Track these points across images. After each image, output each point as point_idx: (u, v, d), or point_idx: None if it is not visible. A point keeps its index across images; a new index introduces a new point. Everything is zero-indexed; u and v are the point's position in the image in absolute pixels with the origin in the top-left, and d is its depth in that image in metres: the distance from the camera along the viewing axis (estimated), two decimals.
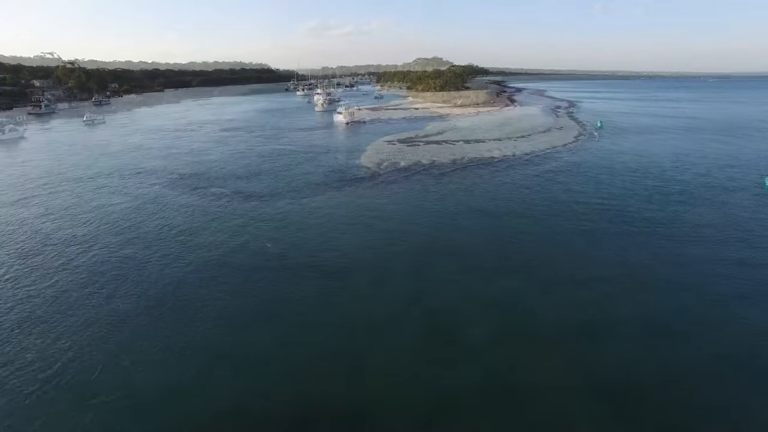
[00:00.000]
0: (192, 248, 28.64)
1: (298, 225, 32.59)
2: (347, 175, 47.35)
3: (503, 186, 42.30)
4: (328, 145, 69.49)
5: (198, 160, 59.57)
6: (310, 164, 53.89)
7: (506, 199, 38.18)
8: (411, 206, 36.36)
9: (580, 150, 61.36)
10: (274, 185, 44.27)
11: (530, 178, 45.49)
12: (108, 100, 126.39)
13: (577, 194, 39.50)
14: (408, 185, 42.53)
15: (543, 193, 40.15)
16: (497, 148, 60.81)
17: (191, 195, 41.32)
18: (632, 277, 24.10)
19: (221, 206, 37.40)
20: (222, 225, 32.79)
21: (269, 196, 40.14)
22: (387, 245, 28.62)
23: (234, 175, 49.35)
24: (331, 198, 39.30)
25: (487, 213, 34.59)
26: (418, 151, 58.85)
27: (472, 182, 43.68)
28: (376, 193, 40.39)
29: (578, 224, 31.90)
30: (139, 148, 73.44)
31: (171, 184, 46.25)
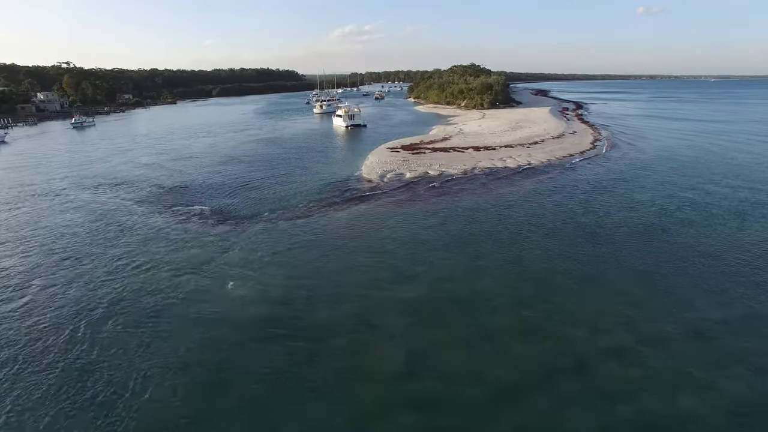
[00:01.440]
0: (133, 292, 22.16)
1: (275, 259, 25.80)
2: (344, 190, 40.52)
3: (523, 206, 35.71)
4: (326, 152, 63.38)
5: (181, 169, 53.40)
6: (303, 176, 47.37)
7: (529, 224, 31.17)
8: (419, 235, 29.41)
9: (600, 159, 54.89)
10: (259, 202, 37.54)
11: (552, 195, 39.32)
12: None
13: (612, 218, 32.77)
14: (415, 204, 35.49)
15: (571, 215, 33.59)
16: (510, 156, 54.63)
17: (160, 215, 34.80)
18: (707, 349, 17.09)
19: (189, 231, 30.76)
20: (181, 258, 26.19)
21: (249, 218, 33.39)
22: (386, 295, 21.74)
23: (216, 188, 42.78)
24: (323, 220, 32.44)
25: (507, 245, 27.59)
26: (424, 159, 52.64)
27: (487, 201, 37.28)
28: (377, 213, 33.47)
29: (617, 258, 24.76)
30: (126, 152, 67.85)
31: (143, 199, 39.90)
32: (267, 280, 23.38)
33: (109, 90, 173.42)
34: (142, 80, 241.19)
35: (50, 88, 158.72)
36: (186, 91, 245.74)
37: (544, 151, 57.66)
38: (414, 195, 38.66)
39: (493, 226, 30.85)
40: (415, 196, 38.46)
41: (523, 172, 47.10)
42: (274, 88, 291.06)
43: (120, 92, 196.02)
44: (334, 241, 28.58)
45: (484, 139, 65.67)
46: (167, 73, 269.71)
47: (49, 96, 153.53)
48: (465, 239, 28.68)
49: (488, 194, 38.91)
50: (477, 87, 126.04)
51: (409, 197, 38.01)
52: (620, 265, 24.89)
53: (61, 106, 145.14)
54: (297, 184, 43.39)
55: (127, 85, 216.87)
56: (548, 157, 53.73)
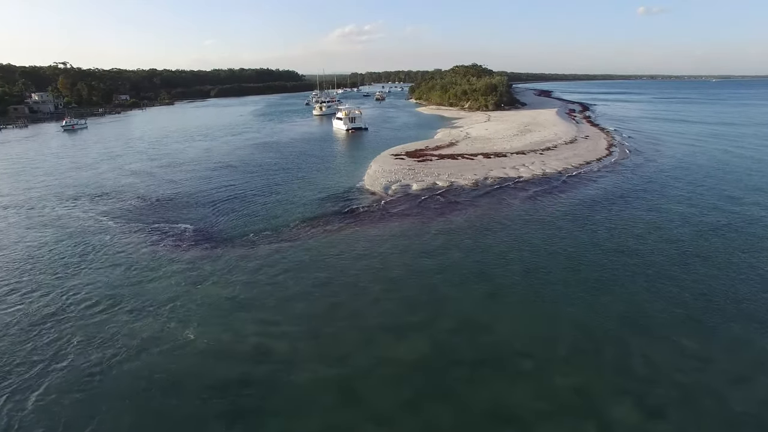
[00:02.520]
0: (78, 345, 17.97)
1: (251, 297, 21.67)
2: (344, 204, 36.41)
3: (543, 226, 31.68)
4: (326, 158, 59.33)
5: (170, 178, 49.29)
6: (300, 187, 43.27)
7: (552, 251, 27.02)
8: (424, 266, 25.32)
9: (619, 167, 50.80)
10: (247, 219, 33.44)
11: (574, 212, 35.31)
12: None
13: (645, 241, 28.74)
14: (423, 224, 31.44)
15: (598, 239, 29.50)
16: (522, 164, 50.57)
17: (135, 234, 30.73)
18: None
19: (162, 257, 26.65)
20: (145, 293, 22.16)
21: (233, 240, 29.15)
22: (379, 355, 17.70)
23: (204, 201, 38.45)
24: (316, 244, 28.18)
25: (529, 279, 23.47)
26: (430, 168, 48.61)
27: (502, 219, 33.11)
28: (378, 236, 29.40)
29: (663, 296, 20.86)
30: (116, 158, 63.81)
31: (122, 214, 35.58)
32: (237, 326, 19.31)
33: (105, 91, 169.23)
34: (140, 81, 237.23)
35: (46, 89, 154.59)
36: (184, 91, 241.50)
37: (558, 158, 53.62)
38: (422, 211, 34.61)
39: (512, 253, 26.73)
40: (422, 212, 34.41)
41: (538, 183, 43.07)
42: (273, 89, 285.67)
43: (117, 93, 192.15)
44: (326, 273, 24.36)
45: (493, 145, 61.62)
46: (166, 74, 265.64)
47: (43, 97, 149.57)
48: (478, 271, 24.57)
49: (503, 210, 34.87)
50: (481, 88, 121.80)
51: (417, 214, 33.96)
52: (668, 305, 20.85)
53: (55, 107, 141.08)
54: (292, 197, 39.33)
55: (124, 85, 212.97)
56: (564, 165, 49.69)
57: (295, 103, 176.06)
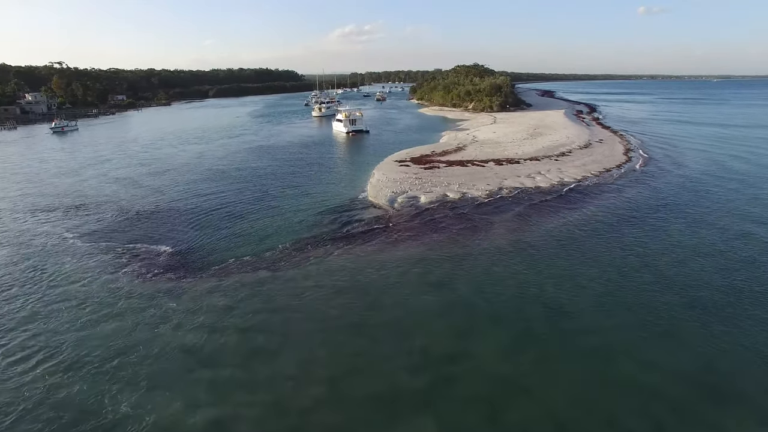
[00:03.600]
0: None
1: (216, 348, 17.73)
2: (345, 221, 32.36)
3: (569, 249, 27.62)
4: (325, 165, 55.24)
5: (157, 186, 45.04)
6: (296, 198, 38.97)
7: (585, 281, 23.07)
8: (435, 307, 21.47)
9: (641, 175, 46.73)
10: (230, 239, 29.29)
11: (601, 231, 31.29)
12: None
13: (685, 270, 24.83)
14: (434, 247, 27.56)
15: (635, 265, 25.62)
16: (538, 171, 46.54)
17: (102, 257, 26.66)
18: None
19: (123, 290, 22.62)
20: (92, 343, 18.16)
21: (207, 267, 24.94)
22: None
23: (188, 216, 34.44)
24: (306, 273, 24.10)
25: (557, 320, 19.65)
26: (439, 176, 44.56)
27: (523, 239, 29.13)
28: (383, 261, 25.49)
29: (720, 344, 17.05)
30: (104, 163, 59.68)
31: (95, 230, 31.55)
32: (191, 393, 15.37)
33: (101, 91, 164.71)
34: (138, 81, 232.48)
35: (39, 89, 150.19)
36: (182, 91, 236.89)
37: (575, 165, 49.55)
38: (432, 231, 30.52)
39: (532, 287, 22.69)
40: (432, 232, 30.32)
41: (557, 194, 39.02)
42: (272, 89, 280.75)
43: (114, 93, 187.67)
44: (307, 318, 20.14)
45: (504, 150, 57.52)
46: (164, 74, 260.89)
47: (37, 97, 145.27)
48: (494, 313, 20.54)
49: (522, 229, 30.80)
50: (485, 88, 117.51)
51: (426, 234, 29.87)
52: (741, 358, 16.83)
53: (48, 107, 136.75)
54: (286, 212, 35.20)
55: (121, 85, 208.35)
56: (582, 173, 45.62)
57: (295, 104, 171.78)
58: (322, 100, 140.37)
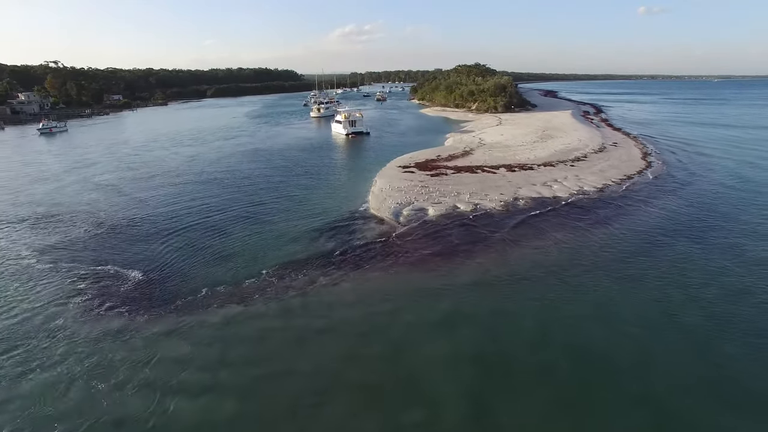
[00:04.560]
0: None
1: (160, 424, 13.96)
2: (345, 238, 28.34)
3: (596, 279, 23.84)
4: (323, 171, 51.18)
5: (140, 195, 40.74)
6: (290, 211, 34.84)
7: (614, 327, 19.32)
8: (464, 343, 17.79)
9: (667, 184, 42.61)
10: (210, 262, 25.15)
11: (633, 254, 27.34)
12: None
13: (743, 305, 21.23)
14: (447, 271, 23.69)
15: (678, 300, 21.62)
16: (554, 179, 42.60)
17: (54, 280, 22.68)
18: None
19: (60, 327, 18.82)
20: (12, 413, 14.21)
21: (173, 300, 20.98)
22: None
23: (169, 231, 30.37)
24: (287, 309, 20.28)
25: (588, 382, 16.12)
26: (447, 184, 40.60)
27: (550, 261, 25.07)
28: (388, 291, 21.69)
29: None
30: (89, 167, 55.59)
31: (61, 246, 27.53)
32: None
33: (95, 91, 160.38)
34: (136, 80, 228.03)
35: (32, 89, 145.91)
36: (180, 91, 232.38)
37: (592, 171, 45.60)
38: (445, 251, 26.56)
39: (556, 331, 18.82)
40: (446, 252, 26.35)
41: (578, 205, 35.08)
42: (271, 89, 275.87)
43: (110, 93, 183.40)
44: (300, 372, 16.24)
45: (515, 154, 53.54)
46: (162, 73, 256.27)
47: (30, 97, 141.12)
48: (528, 358, 16.77)
49: (546, 249, 26.87)
50: (489, 88, 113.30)
51: (438, 255, 25.92)
52: None
53: (40, 107, 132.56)
54: (278, 227, 31.14)
55: (118, 85, 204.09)
56: (603, 181, 41.67)
57: (293, 104, 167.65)
58: (321, 100, 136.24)
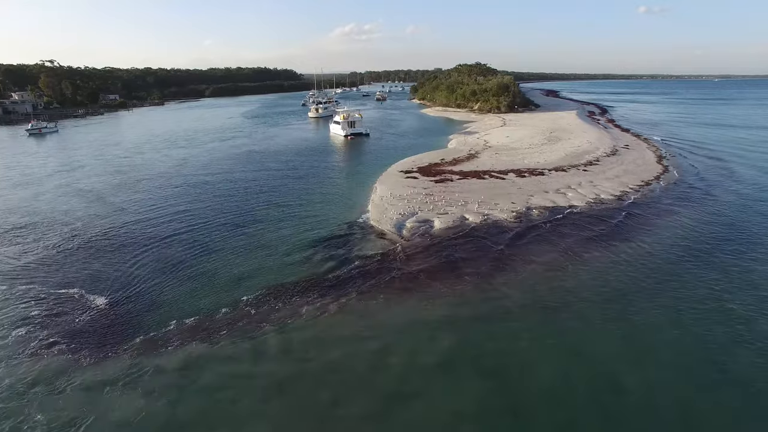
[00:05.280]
0: None
1: None
2: (341, 256, 25.15)
3: (625, 308, 20.74)
4: (320, 176, 47.95)
5: (121, 203, 37.34)
6: (281, 223, 31.48)
7: (655, 384, 16.76)
8: (482, 389, 14.75)
9: (689, 190, 39.53)
10: (188, 286, 22.04)
11: (666, 273, 24.23)
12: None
13: None
14: (460, 298, 20.57)
15: (727, 338, 18.66)
16: (568, 185, 39.49)
17: (14, 310, 19.23)
18: None
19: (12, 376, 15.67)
20: None
21: (132, 335, 17.97)
22: None
23: (145, 245, 27.15)
24: (281, 344, 17.36)
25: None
26: (453, 191, 37.47)
27: (564, 290, 22.17)
28: (393, 324, 18.64)
29: None
30: (75, 170, 52.36)
31: (23, 264, 24.10)
32: None
33: (91, 90, 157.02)
34: (133, 80, 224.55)
35: (27, 88, 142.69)
36: (177, 91, 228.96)
37: (607, 176, 42.48)
38: (453, 271, 23.46)
39: (596, 366, 16.01)
40: (454, 273, 23.26)
41: (598, 216, 31.96)
42: (269, 88, 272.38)
43: (106, 92, 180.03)
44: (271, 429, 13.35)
45: (523, 158, 50.39)
46: (161, 73, 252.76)
47: (24, 96, 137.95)
48: (545, 416, 13.73)
49: (566, 269, 23.83)
50: (492, 88, 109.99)
51: (446, 278, 22.80)
52: None
53: (33, 107, 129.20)
54: (267, 243, 27.89)
55: (115, 84, 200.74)
56: (620, 188, 38.57)
57: (292, 104, 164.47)
58: (319, 100, 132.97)
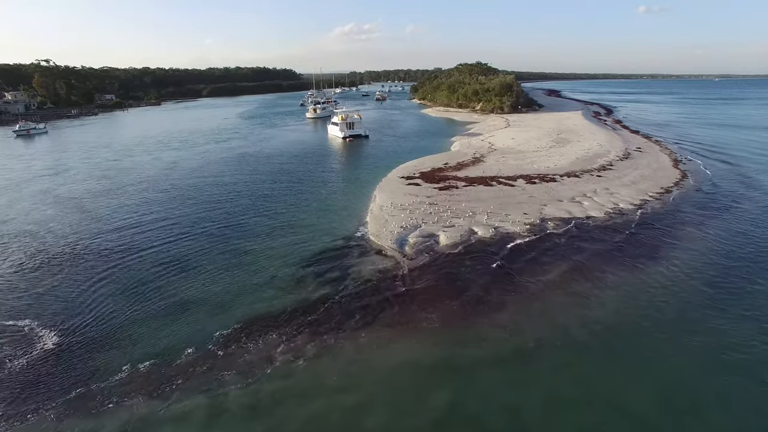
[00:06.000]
0: None
1: None
2: (334, 280, 21.96)
3: (670, 345, 17.72)
4: (314, 182, 44.69)
5: (98, 212, 33.99)
6: (269, 239, 28.14)
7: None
8: None
9: (717, 198, 36.43)
10: (152, 321, 18.77)
11: (705, 301, 21.05)
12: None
13: None
14: (472, 333, 17.40)
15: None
16: (583, 193, 36.34)
17: None
18: None
19: None
20: None
21: (79, 386, 14.87)
22: None
23: (115, 267, 23.83)
24: (249, 402, 14.32)
25: None
26: (459, 200, 34.30)
27: (594, 317, 19.16)
28: (392, 369, 15.49)
29: None
30: (58, 174, 49.09)
31: None
32: None
33: (86, 90, 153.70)
34: (131, 79, 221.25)
35: (19, 88, 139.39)
36: (175, 91, 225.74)
37: (623, 183, 39.32)
38: (462, 298, 20.28)
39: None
40: (464, 301, 20.09)
41: (619, 229, 28.80)
42: (268, 88, 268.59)
43: (103, 92, 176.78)
44: None
45: (532, 162, 47.17)
46: (159, 72, 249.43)
47: (17, 96, 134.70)
48: None
49: (593, 296, 20.68)
50: (495, 87, 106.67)
51: (455, 307, 19.63)
52: None
53: (26, 107, 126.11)
54: (252, 263, 24.67)
55: (112, 84, 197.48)
56: (639, 196, 35.41)
57: (291, 104, 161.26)
58: (318, 100, 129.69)
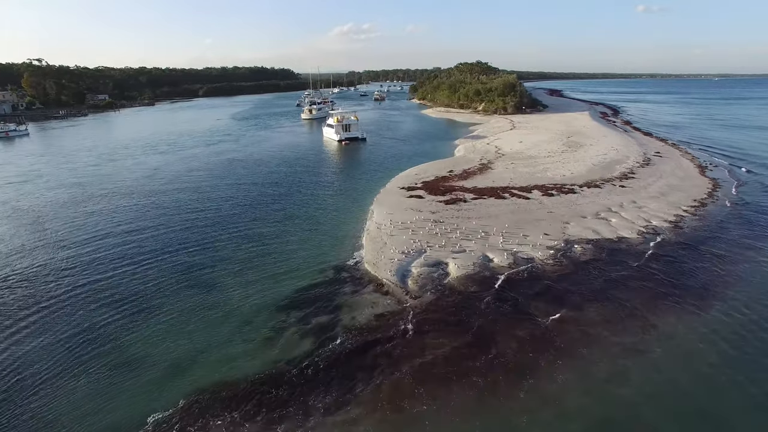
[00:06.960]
0: None
1: None
2: (320, 328, 17.63)
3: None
4: (306, 194, 40.07)
5: (62, 227, 29.76)
6: (244, 274, 23.46)
7: None
8: None
9: (762, 212, 32.43)
10: (93, 388, 14.40)
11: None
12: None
13: None
14: (497, 407, 12.98)
15: None
16: (608, 207, 32.00)
17: None
18: None
19: None
20: None
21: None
22: None
23: (69, 298, 19.32)
24: None
25: None
26: (468, 217, 29.90)
27: (648, 384, 14.83)
28: None
29: None
30: (30, 182, 44.55)
31: None
32: None
33: (77, 90, 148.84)
34: (126, 79, 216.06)
35: (7, 88, 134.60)
36: (170, 91, 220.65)
37: (650, 194, 34.99)
38: (479, 358, 15.91)
39: None
40: (483, 358, 15.74)
41: (659, 256, 24.45)
42: (265, 88, 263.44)
43: (95, 92, 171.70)
44: None
45: (545, 169, 42.75)
46: (155, 72, 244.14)
47: (5, 96, 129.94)
48: None
49: (653, 347, 16.32)
50: (498, 87, 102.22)
51: (473, 368, 15.28)
52: None
53: (13, 107, 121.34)
54: (221, 304, 20.23)
55: (106, 84, 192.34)
56: (672, 210, 31.06)
57: (287, 104, 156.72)
58: (314, 100, 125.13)
